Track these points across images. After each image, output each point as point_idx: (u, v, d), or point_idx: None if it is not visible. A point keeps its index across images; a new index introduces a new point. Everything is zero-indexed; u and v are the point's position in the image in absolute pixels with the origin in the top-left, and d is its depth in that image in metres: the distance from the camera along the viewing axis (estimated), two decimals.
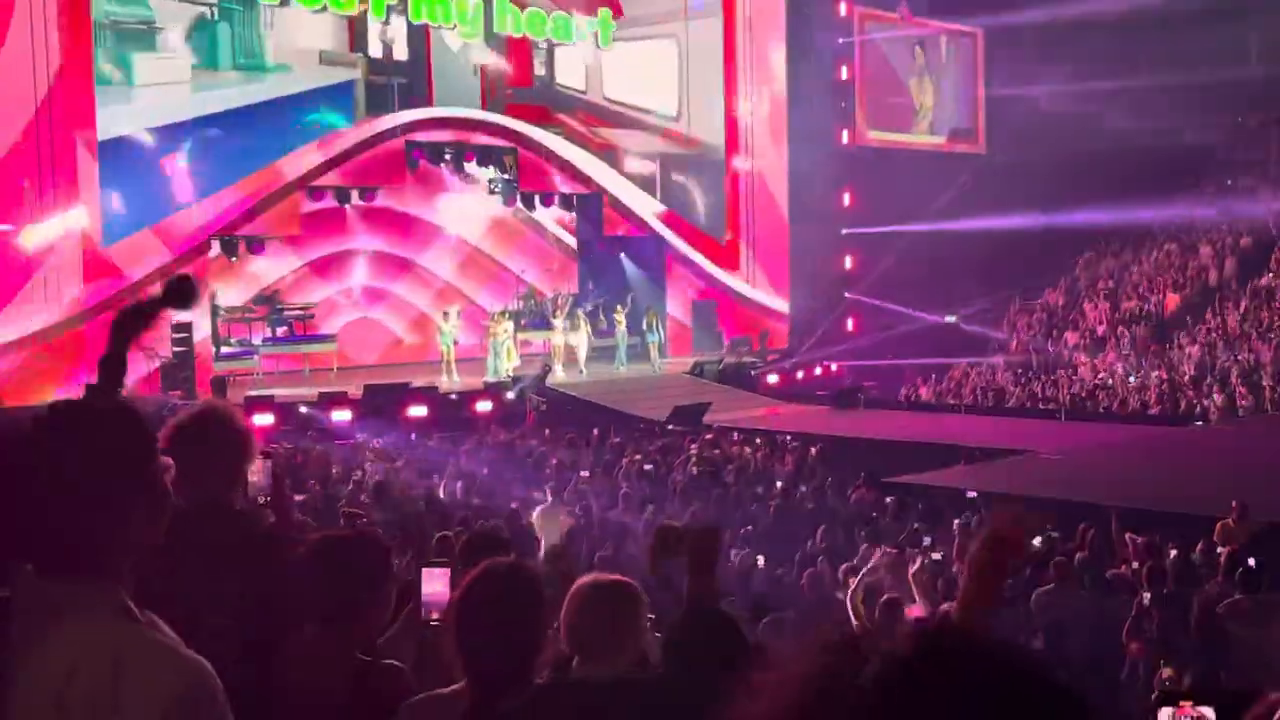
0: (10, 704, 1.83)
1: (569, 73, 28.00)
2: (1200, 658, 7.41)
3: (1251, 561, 8.40)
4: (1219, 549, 9.82)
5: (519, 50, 26.49)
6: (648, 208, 27.58)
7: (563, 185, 26.71)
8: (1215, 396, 22.53)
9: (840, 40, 29.88)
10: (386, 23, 24.15)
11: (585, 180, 26.80)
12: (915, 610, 7.47)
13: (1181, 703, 1.69)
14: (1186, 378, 24.05)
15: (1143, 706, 6.18)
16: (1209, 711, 1.62)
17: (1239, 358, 24.23)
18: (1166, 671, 6.86)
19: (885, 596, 8.25)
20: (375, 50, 24.30)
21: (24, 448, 1.95)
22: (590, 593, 2.96)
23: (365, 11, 23.93)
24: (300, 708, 2.60)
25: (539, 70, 27.18)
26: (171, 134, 21.33)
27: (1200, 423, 21.54)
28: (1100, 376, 25.23)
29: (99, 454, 1.92)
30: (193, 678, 1.85)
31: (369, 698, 2.61)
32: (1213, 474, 14.62)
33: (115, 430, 1.97)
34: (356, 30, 24.16)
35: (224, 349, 22.56)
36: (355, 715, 2.62)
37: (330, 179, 23.54)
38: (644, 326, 25.66)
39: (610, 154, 27.48)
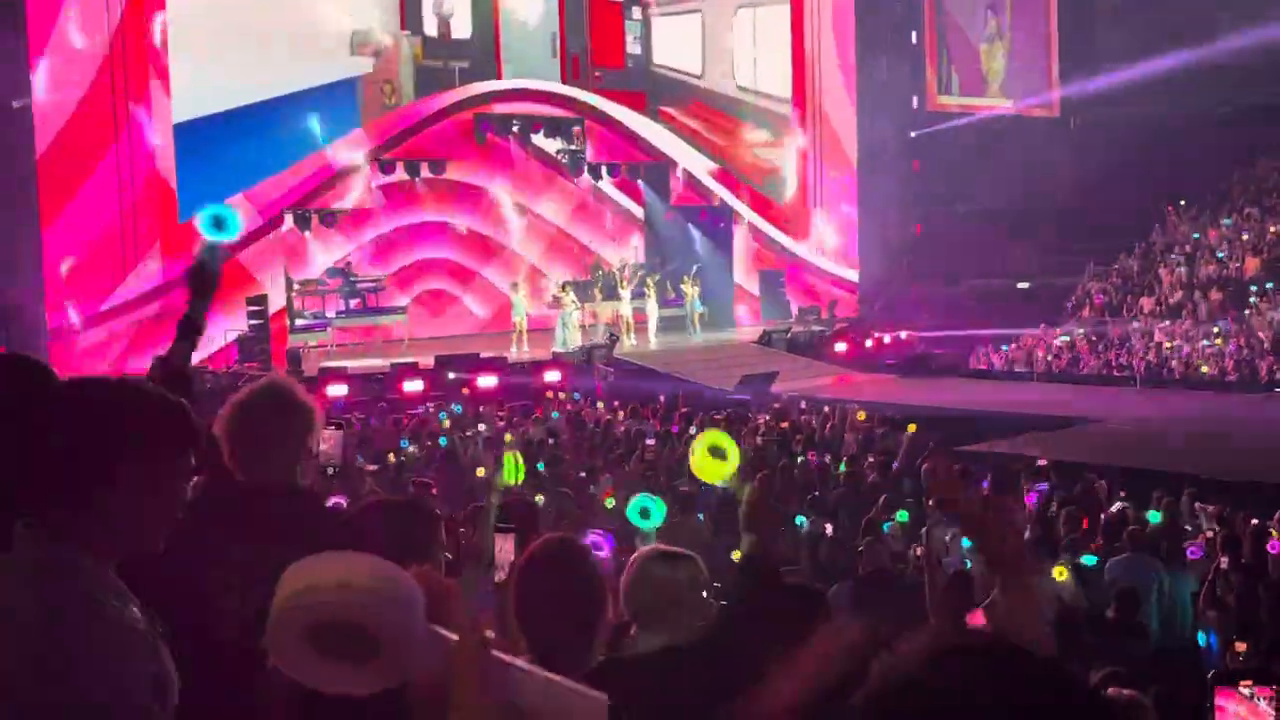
0: None
1: (676, 51, 27.08)
2: (1275, 630, 7.28)
3: None
4: None
5: (606, 22, 26.11)
6: (714, 177, 27.49)
7: (631, 155, 26.68)
8: None
9: (911, 3, 29.52)
10: None
11: (653, 150, 26.72)
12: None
13: (1241, 682, 1.64)
14: (1266, 344, 23.61)
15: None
16: (1271, 691, 1.56)
17: None
18: (1240, 645, 6.73)
19: (954, 570, 8.19)
20: (430, 28, 24.00)
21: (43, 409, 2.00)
22: (650, 563, 2.96)
23: None
24: None
25: (632, 48, 26.68)
26: (237, 116, 21.43)
27: (1278, 390, 21.16)
28: (1176, 343, 24.82)
29: (84, 431, 1.94)
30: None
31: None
32: None
33: (123, 398, 2.00)
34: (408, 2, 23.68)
35: (298, 321, 22.79)
36: (417, 684, 2.61)
37: (400, 152, 23.70)
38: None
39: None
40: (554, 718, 1.02)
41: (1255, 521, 9.30)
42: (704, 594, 3.01)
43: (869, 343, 26.23)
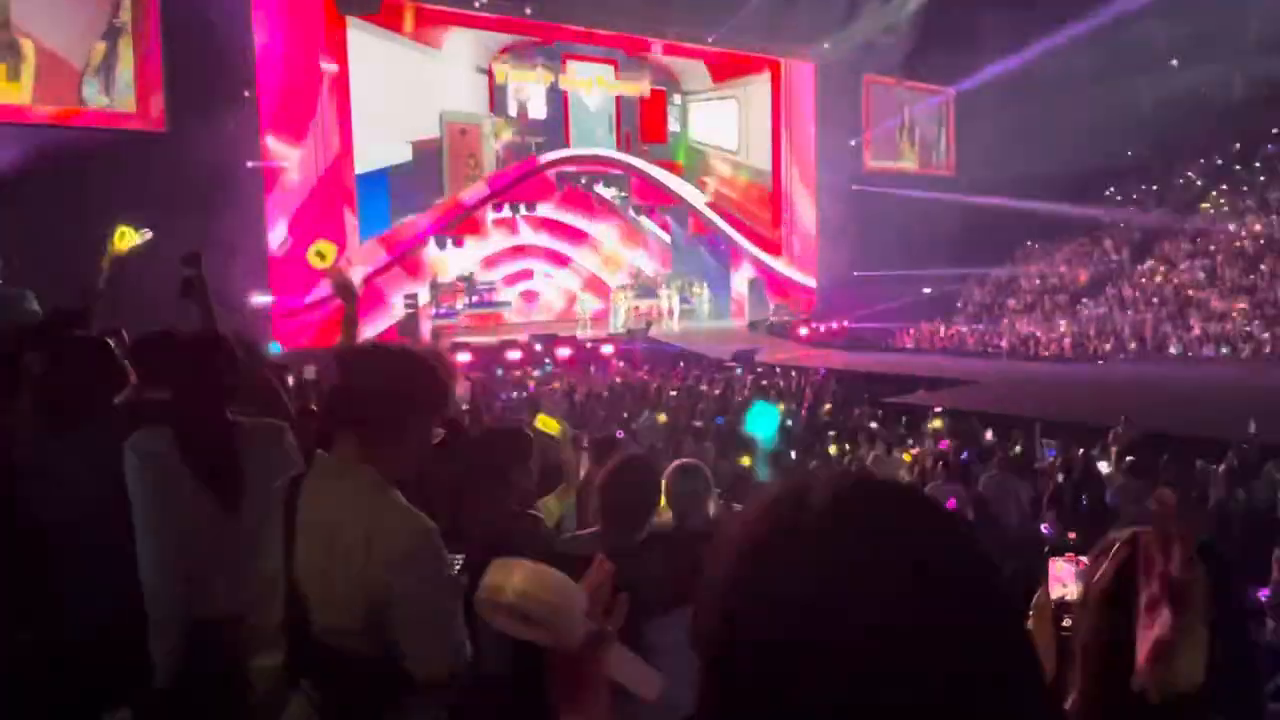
0: (298, 538, 1.86)
1: (714, 130, 26.28)
2: (1094, 523, 7.30)
3: (1131, 458, 8.24)
4: (1111, 448, 9.63)
5: (652, 106, 25.79)
6: (718, 214, 27.35)
7: (662, 199, 26.56)
8: (1111, 344, 21.98)
9: (853, 98, 29.24)
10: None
11: (677, 197, 26.64)
12: None
13: (1067, 554, 1.68)
14: (1092, 331, 23.42)
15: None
16: (1085, 560, 1.61)
17: (1130, 317, 23.60)
18: (1072, 535, 6.75)
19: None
20: (512, 110, 23.38)
21: (357, 368, 1.96)
22: (676, 473, 3.04)
23: (506, 73, 22.59)
24: (473, 543, 2.65)
25: (673, 126, 26.25)
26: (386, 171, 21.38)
27: (1100, 362, 20.98)
28: (1031, 330, 24.64)
29: (405, 380, 1.92)
30: (423, 542, 1.83)
31: (519, 537, 2.64)
32: (1109, 397, 14.25)
33: (417, 368, 1.96)
34: (495, 91, 22.87)
35: (438, 311, 22.92)
36: (511, 549, 2.65)
37: (506, 197, 23.70)
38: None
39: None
40: (629, 682, 1.03)
41: (1082, 451, 9.29)
42: (712, 493, 3.09)
43: (821, 328, 26.16)
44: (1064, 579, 1.65)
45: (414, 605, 1.78)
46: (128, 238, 4.29)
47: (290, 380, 5.74)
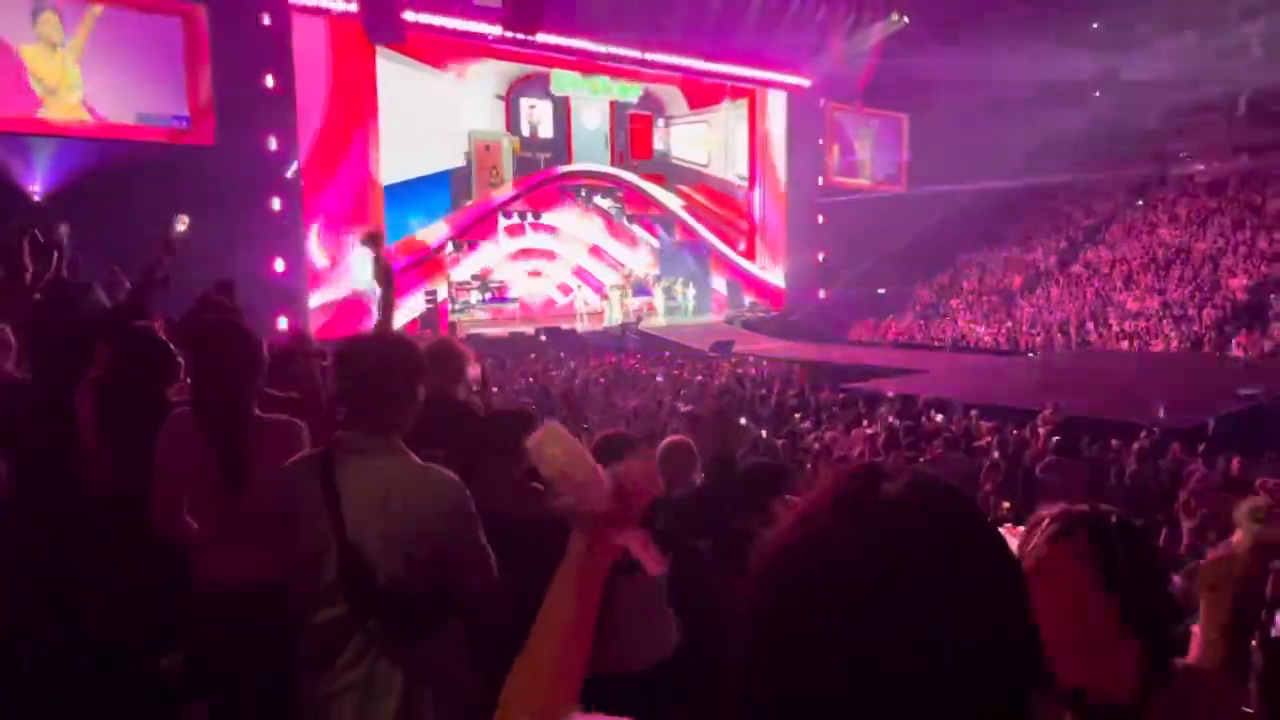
0: (345, 512, 1.86)
1: (691, 148, 26.45)
2: (1025, 495, 7.34)
3: (1057, 437, 8.29)
4: (1040, 429, 9.69)
5: (640, 128, 25.80)
6: (699, 221, 27.28)
7: (650, 209, 26.46)
8: (1040, 339, 22.07)
9: (819, 119, 29.19)
10: (533, 107, 23.58)
11: (663, 207, 26.55)
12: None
13: (1005, 525, 1.68)
14: (1024, 327, 23.52)
15: None
16: (1020, 530, 1.61)
17: (1057, 315, 23.69)
18: (1006, 504, 6.78)
19: (837, 455, 8.25)
20: (525, 130, 23.49)
21: (353, 360, 1.98)
22: (669, 447, 3.05)
23: (516, 97, 22.75)
24: (483, 504, 2.63)
25: (659, 144, 26.31)
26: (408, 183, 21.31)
27: (1031, 354, 21.09)
28: (971, 326, 24.72)
29: (405, 363, 1.97)
30: (459, 493, 1.91)
31: (527, 504, 2.61)
32: (1038, 385, 14.31)
33: (412, 353, 2.01)
34: (511, 113, 23.03)
35: (454, 306, 22.82)
36: (520, 515, 2.64)
37: (515, 206, 23.58)
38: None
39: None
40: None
41: (1015, 431, 9.34)
42: (697, 465, 3.09)
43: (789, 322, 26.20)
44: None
45: (465, 545, 1.89)
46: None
47: (327, 364, 5.72)
